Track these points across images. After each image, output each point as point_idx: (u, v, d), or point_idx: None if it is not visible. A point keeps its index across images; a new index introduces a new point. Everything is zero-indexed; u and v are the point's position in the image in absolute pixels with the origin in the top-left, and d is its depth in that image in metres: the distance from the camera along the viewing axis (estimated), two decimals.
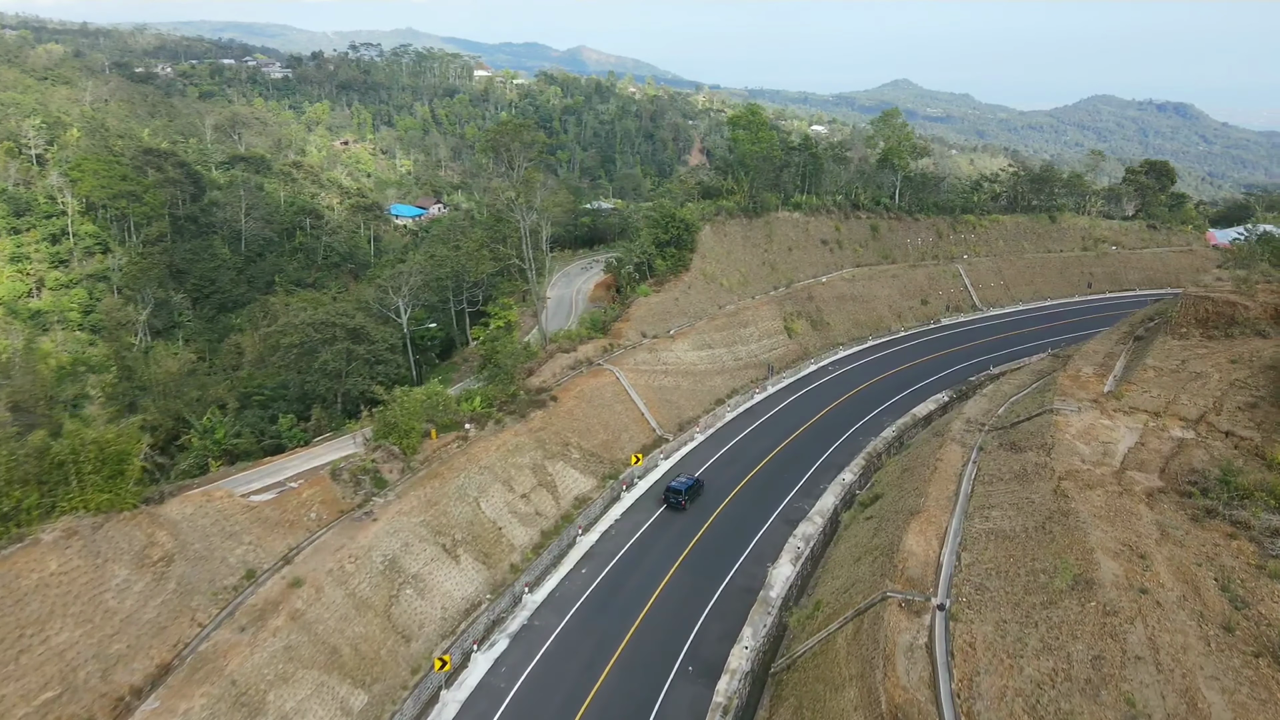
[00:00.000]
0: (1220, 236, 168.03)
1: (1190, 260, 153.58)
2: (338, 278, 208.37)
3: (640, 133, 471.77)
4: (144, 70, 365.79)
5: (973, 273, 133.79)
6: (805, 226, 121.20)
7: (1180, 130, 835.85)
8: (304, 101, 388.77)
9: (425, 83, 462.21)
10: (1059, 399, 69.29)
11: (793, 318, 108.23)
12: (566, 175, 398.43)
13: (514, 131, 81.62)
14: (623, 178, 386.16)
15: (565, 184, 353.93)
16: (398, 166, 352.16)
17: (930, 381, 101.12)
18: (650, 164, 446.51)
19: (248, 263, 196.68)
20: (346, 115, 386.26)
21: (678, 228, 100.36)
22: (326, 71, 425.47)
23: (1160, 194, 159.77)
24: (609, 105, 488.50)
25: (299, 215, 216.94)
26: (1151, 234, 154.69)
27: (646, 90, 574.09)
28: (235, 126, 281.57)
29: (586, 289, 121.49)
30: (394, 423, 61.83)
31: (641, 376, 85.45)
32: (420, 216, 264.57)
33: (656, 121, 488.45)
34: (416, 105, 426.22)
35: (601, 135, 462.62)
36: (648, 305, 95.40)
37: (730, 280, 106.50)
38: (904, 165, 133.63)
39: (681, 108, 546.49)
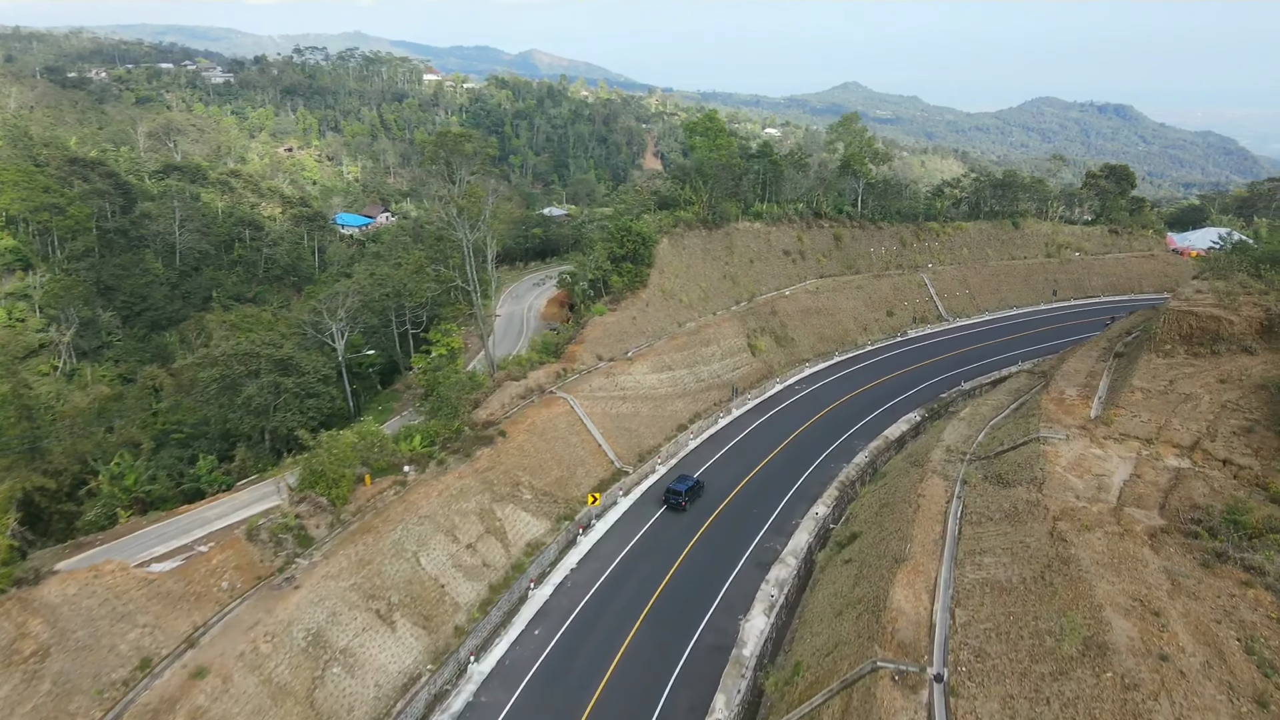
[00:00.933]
0: (1179, 240, 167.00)
1: (1152, 265, 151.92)
2: (280, 291, 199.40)
3: (593, 136, 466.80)
4: (77, 75, 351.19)
5: (938, 282, 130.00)
6: (767, 237, 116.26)
7: (1120, 131, 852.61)
8: (247, 107, 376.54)
9: (373, 87, 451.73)
10: (1045, 426, 64.84)
11: (756, 334, 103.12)
12: (519, 180, 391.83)
13: (455, 142, 75.03)
14: (576, 182, 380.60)
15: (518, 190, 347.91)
16: (345, 174, 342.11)
17: (900, 400, 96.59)
18: (604, 168, 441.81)
19: (183, 277, 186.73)
20: (292, 121, 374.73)
21: (634, 242, 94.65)
22: (270, 76, 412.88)
23: (1120, 198, 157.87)
24: (561, 109, 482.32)
25: (238, 226, 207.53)
26: (1113, 239, 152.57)
27: (599, 94, 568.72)
28: (170, 133, 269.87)
29: (538, 306, 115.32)
30: (321, 470, 55.17)
31: (598, 404, 79.52)
32: (367, 226, 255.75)
33: (609, 125, 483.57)
34: (364, 110, 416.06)
35: (554, 139, 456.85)
36: (603, 325, 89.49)
37: (690, 296, 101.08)
38: (866, 172, 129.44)
39: (635, 111, 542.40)
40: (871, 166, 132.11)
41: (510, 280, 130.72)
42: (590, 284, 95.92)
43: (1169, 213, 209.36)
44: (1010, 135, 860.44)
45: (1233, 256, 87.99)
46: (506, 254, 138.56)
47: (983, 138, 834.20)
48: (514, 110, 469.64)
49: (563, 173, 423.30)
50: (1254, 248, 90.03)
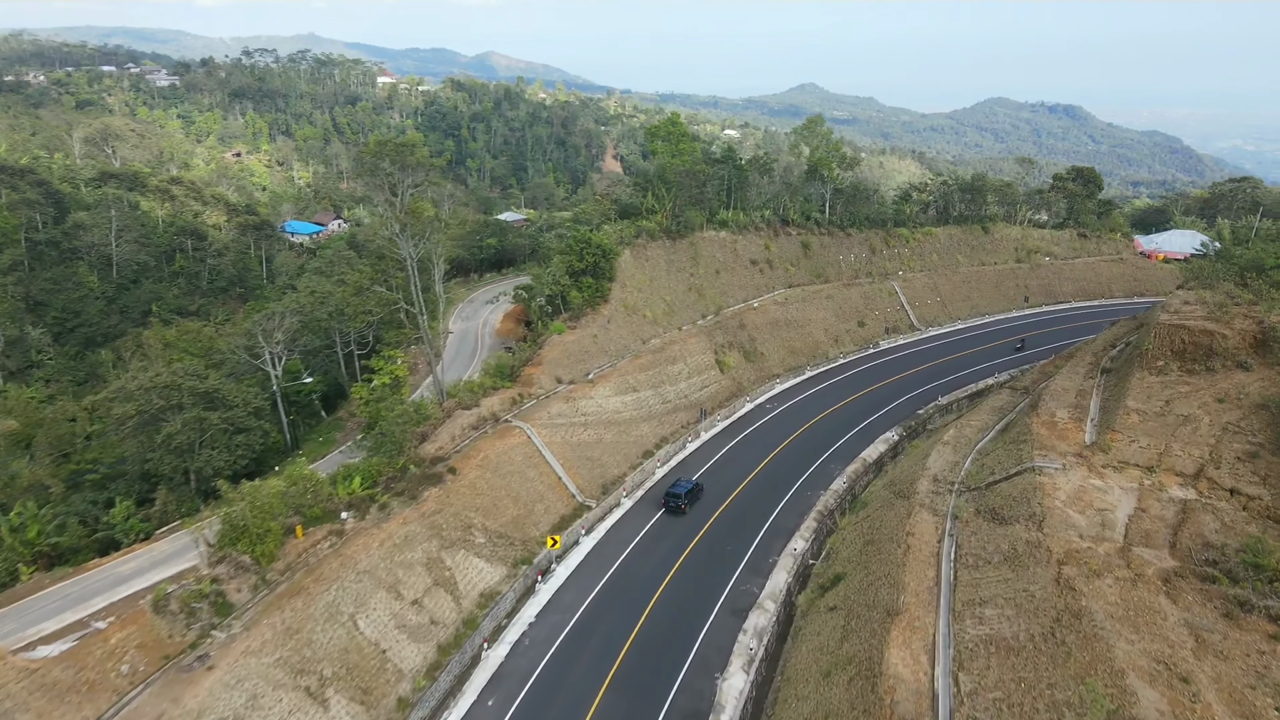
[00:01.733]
0: (1146, 243, 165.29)
1: (1121, 269, 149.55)
2: (225, 303, 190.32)
3: (552, 139, 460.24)
4: (14, 79, 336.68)
5: (909, 290, 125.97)
6: (733, 246, 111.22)
7: (1070, 131, 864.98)
8: (194, 111, 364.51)
9: (325, 90, 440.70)
10: (1039, 454, 60.36)
11: (724, 349, 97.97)
12: (477, 184, 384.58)
13: (395, 152, 68.68)
14: (535, 186, 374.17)
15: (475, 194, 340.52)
16: (295, 179, 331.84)
17: (876, 418, 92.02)
18: (563, 171, 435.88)
19: (120, 291, 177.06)
20: (241, 125, 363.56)
21: (594, 255, 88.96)
22: (218, 79, 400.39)
23: (1087, 200, 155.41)
24: (519, 111, 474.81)
25: (179, 236, 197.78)
26: (1082, 243, 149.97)
27: (557, 96, 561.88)
28: (108, 139, 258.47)
29: (494, 321, 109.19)
30: (243, 525, 48.75)
31: (557, 432, 73.69)
32: (318, 234, 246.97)
33: (568, 128, 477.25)
34: (316, 113, 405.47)
35: (512, 143, 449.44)
36: (562, 345, 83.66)
37: (654, 311, 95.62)
38: (834, 177, 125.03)
39: (593, 113, 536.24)
40: (839, 171, 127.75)
41: (464, 294, 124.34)
42: (548, 300, 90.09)
43: (1128, 213, 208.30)
44: (964, 135, 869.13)
45: (1217, 264, 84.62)
46: (460, 266, 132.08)
47: (938, 138, 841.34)
48: (471, 113, 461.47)
49: (521, 176, 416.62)
50: (1238, 254, 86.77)
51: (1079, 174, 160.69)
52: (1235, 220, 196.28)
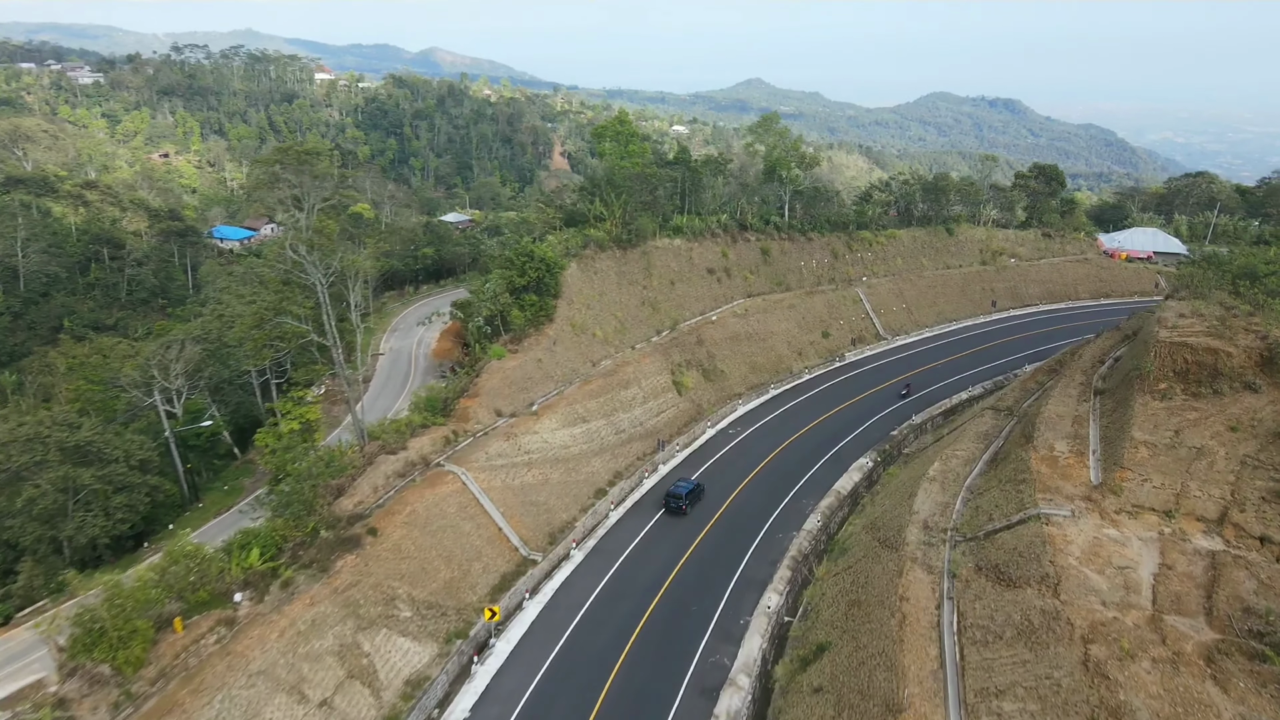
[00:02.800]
0: (1108, 242, 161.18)
1: (1087, 270, 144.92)
2: (146, 316, 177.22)
3: (497, 137, 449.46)
4: None
5: (873, 296, 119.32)
6: (688, 255, 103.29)
7: (1011, 125, 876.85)
8: (120, 110, 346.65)
9: (260, 87, 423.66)
10: (1042, 498, 53.35)
11: (682, 369, 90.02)
12: (420, 184, 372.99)
13: (298, 160, 59.40)
14: (480, 186, 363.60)
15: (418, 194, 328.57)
16: (228, 181, 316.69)
17: (847, 441, 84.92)
18: (510, 170, 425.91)
19: (27, 305, 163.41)
20: (170, 124, 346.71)
21: (537, 269, 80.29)
22: (145, 75, 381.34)
23: (1050, 199, 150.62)
24: (463, 109, 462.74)
25: (94, 245, 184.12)
26: (1046, 243, 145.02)
27: (502, 92, 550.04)
28: (18, 141, 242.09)
29: (430, 340, 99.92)
30: (99, 628, 39.45)
31: (498, 475, 65.01)
32: (249, 239, 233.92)
33: (514, 125, 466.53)
34: (251, 112, 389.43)
35: (456, 141, 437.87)
36: (503, 372, 74.92)
37: (605, 329, 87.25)
38: (793, 178, 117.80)
39: (540, 110, 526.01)
40: (798, 172, 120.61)
41: (399, 309, 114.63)
42: (486, 320, 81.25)
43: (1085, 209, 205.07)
44: (908, 130, 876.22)
45: (1208, 272, 78.86)
46: (394, 277, 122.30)
47: (883, 132, 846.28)
48: (413, 111, 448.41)
49: (466, 175, 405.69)
50: (1228, 261, 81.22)
51: (1041, 171, 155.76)
52: (1192, 216, 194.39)
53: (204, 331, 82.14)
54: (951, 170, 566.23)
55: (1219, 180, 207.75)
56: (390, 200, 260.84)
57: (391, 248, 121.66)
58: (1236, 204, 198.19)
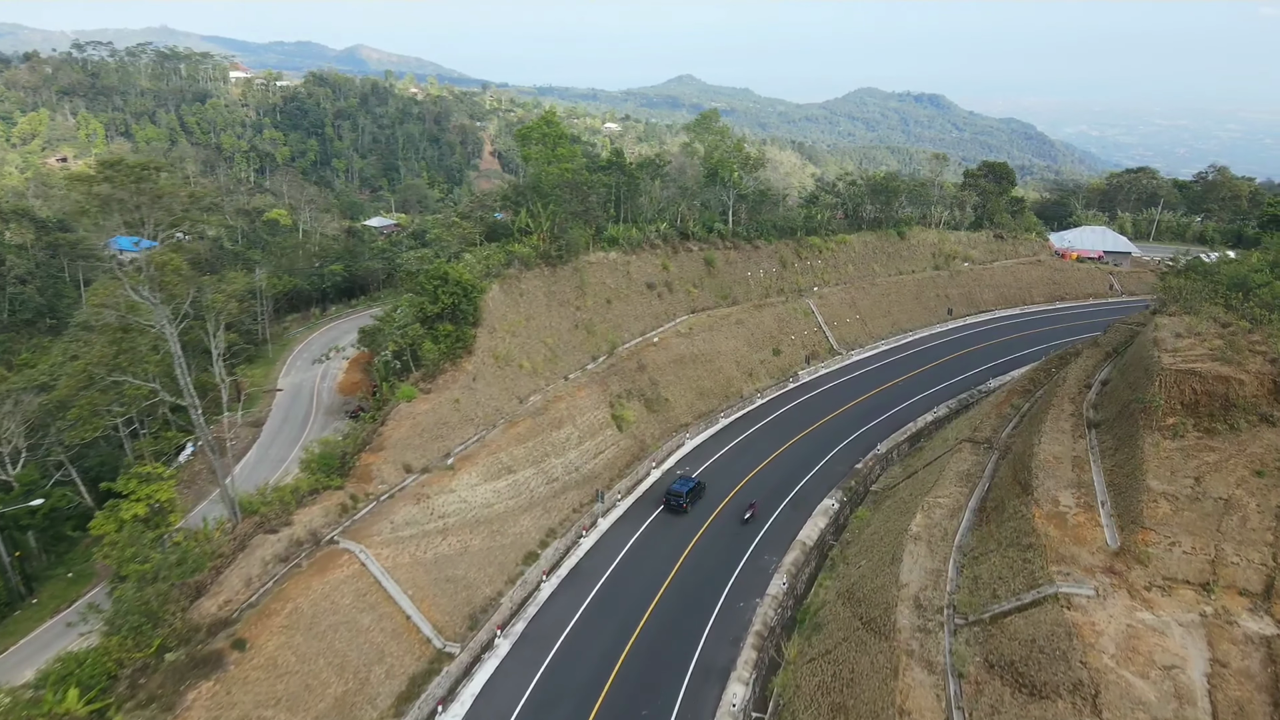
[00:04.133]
0: (1058, 241, 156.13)
1: (1040, 272, 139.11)
2: (31, 337, 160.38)
3: (424, 136, 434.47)
4: None
5: (825, 308, 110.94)
6: (625, 269, 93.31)
7: (936, 119, 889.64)
8: (15, 111, 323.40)
9: (170, 86, 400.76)
10: (1057, 570, 44.82)
11: (622, 400, 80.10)
12: (344, 187, 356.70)
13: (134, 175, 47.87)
14: (406, 188, 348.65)
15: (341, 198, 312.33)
16: None
17: (809, 479, 76.04)
18: (438, 170, 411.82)
19: None
20: (72, 126, 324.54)
21: (452, 293, 69.39)
22: (43, 74, 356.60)
23: (1000, 198, 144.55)
24: (388, 107, 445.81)
25: None
26: (999, 244, 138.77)
27: (429, 90, 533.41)
28: None
29: (335, 373, 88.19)
30: None
31: (406, 548, 54.26)
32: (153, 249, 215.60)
33: (441, 124, 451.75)
34: (161, 113, 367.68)
35: (381, 141, 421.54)
36: (413, 418, 63.99)
37: (533, 359, 76.77)
38: (737, 181, 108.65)
39: (469, 108, 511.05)
40: (741, 174, 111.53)
41: (304, 335, 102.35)
42: (395, 355, 70.24)
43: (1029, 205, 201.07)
44: (838, 125, 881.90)
45: (1197, 284, 71.83)
46: (299, 297, 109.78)
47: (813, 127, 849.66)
48: (335, 110, 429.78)
49: (393, 177, 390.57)
50: (1216, 271, 74.43)
51: (991, 169, 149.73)
52: (1136, 213, 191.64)
53: (51, 376, 69.44)
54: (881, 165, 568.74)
55: (1159, 176, 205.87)
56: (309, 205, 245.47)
57: (294, 264, 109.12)
58: (1177, 199, 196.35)
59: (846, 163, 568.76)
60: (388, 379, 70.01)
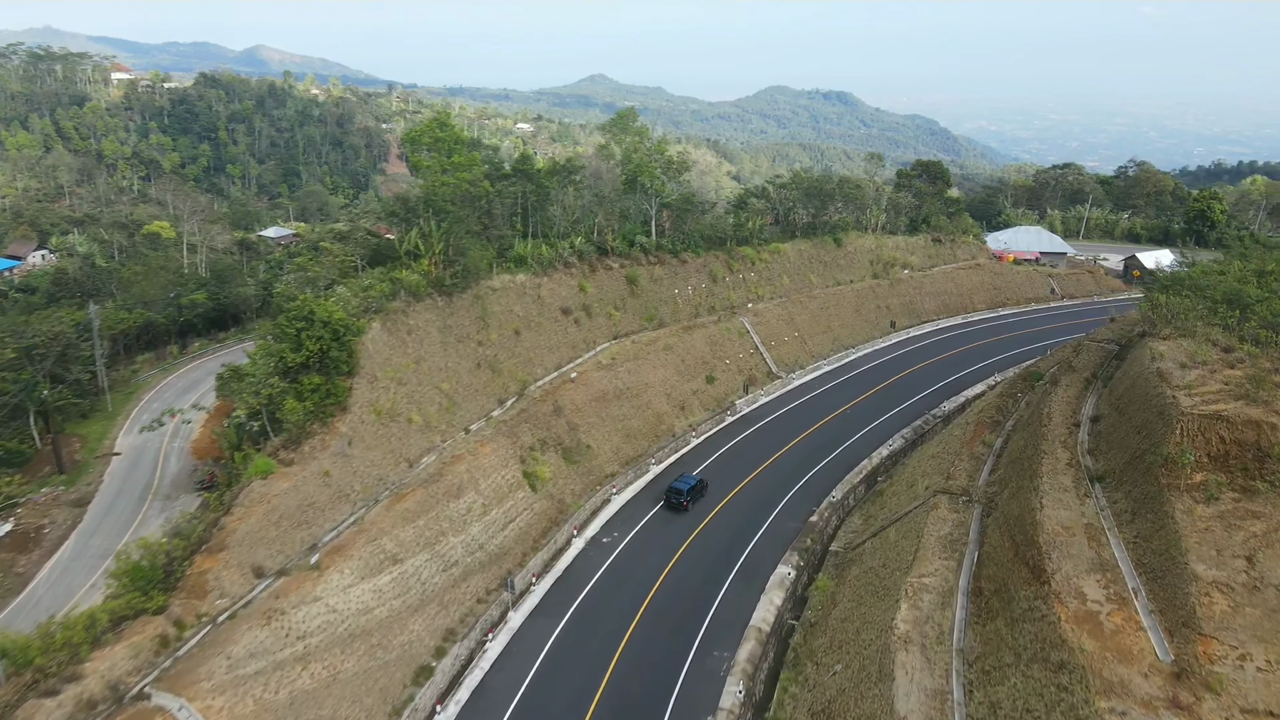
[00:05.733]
0: (992, 243, 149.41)
1: (981, 278, 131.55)
2: None
3: (327, 140, 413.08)
4: None
5: (761, 326, 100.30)
6: (536, 293, 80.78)
7: (844, 116, 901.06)
8: None
9: (44, 89, 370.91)
10: (1109, 708, 34.49)
11: (535, 453, 67.71)
12: (241, 194, 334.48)
13: None
14: (305, 194, 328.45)
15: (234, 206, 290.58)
16: None
17: (757, 540, 65.02)
18: (342, 175, 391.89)
19: None
20: None
21: (320, 337, 56.01)
22: None
23: (936, 199, 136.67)
24: (286, 110, 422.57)
25: None
26: (937, 249, 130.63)
27: (331, 91, 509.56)
28: None
29: (191, 431, 73.40)
30: None
31: (248, 693, 40.95)
32: (10, 269, 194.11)
33: (344, 126, 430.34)
34: (34, 117, 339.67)
35: (280, 145, 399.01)
36: (269, 502, 50.45)
37: (426, 410, 63.68)
38: (660, 188, 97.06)
39: (374, 110, 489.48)
40: (664, 180, 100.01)
41: (156, 379, 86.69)
42: (250, 416, 56.57)
43: None
44: (750, 122, 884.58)
45: (1188, 301, 63.09)
46: (153, 334, 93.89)
47: (726, 125, 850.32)
48: (229, 113, 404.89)
49: (294, 183, 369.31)
50: (1209, 286, 65.92)
51: (925, 169, 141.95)
52: (1065, 210, 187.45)
53: None
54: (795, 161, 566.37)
55: (1084, 172, 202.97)
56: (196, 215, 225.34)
57: (145, 294, 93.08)
58: (1102, 195, 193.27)
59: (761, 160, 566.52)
60: (240, 447, 56.25)
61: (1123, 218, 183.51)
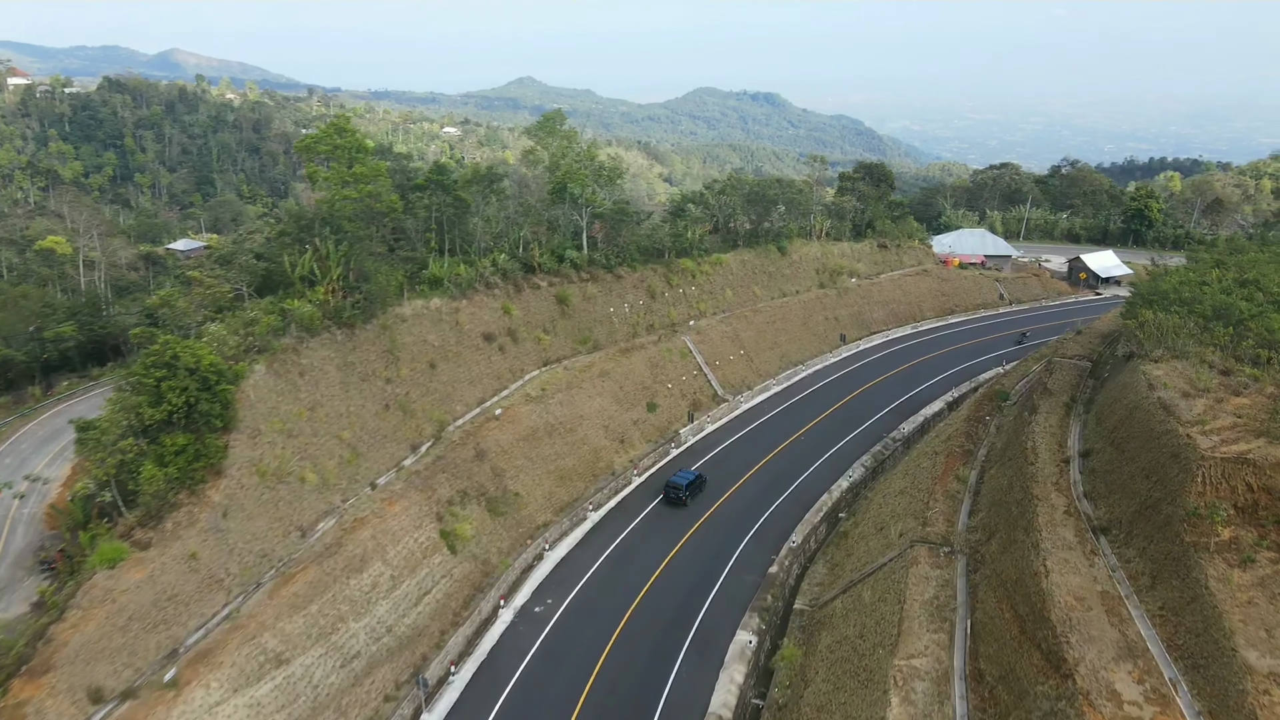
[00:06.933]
0: (937, 247, 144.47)
1: (929, 284, 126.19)
2: None
3: (243, 146, 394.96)
4: None
5: (705, 345, 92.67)
6: (455, 318, 71.64)
7: (772, 117, 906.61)
8: None
9: None
10: None
11: (454, 508, 58.75)
12: (150, 205, 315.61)
13: None
14: (218, 204, 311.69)
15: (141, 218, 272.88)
16: None
17: (713, 598, 57.23)
18: (259, 183, 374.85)
19: None
20: None
21: (184, 388, 46.31)
22: None
23: (880, 203, 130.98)
24: (198, 116, 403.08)
25: None
26: (884, 255, 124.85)
27: (248, 96, 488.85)
28: None
29: (50, 489, 62.39)
30: None
31: None
32: None
33: (261, 132, 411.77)
34: None
35: (193, 152, 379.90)
36: (114, 601, 40.67)
37: (323, 465, 54.25)
38: (591, 197, 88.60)
39: (293, 115, 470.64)
40: (596, 189, 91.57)
41: (13, 428, 74.88)
42: (100, 486, 46.60)
43: None
44: (680, 124, 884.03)
45: (1176, 318, 57.10)
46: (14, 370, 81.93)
47: (656, 127, 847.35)
48: (136, 119, 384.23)
49: (208, 191, 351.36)
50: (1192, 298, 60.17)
51: (868, 171, 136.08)
52: (1004, 211, 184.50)
53: None
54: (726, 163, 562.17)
55: (1021, 171, 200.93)
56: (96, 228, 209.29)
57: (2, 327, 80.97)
58: (1039, 195, 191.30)
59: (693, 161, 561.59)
60: (86, 525, 46.25)
61: (1062, 218, 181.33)
